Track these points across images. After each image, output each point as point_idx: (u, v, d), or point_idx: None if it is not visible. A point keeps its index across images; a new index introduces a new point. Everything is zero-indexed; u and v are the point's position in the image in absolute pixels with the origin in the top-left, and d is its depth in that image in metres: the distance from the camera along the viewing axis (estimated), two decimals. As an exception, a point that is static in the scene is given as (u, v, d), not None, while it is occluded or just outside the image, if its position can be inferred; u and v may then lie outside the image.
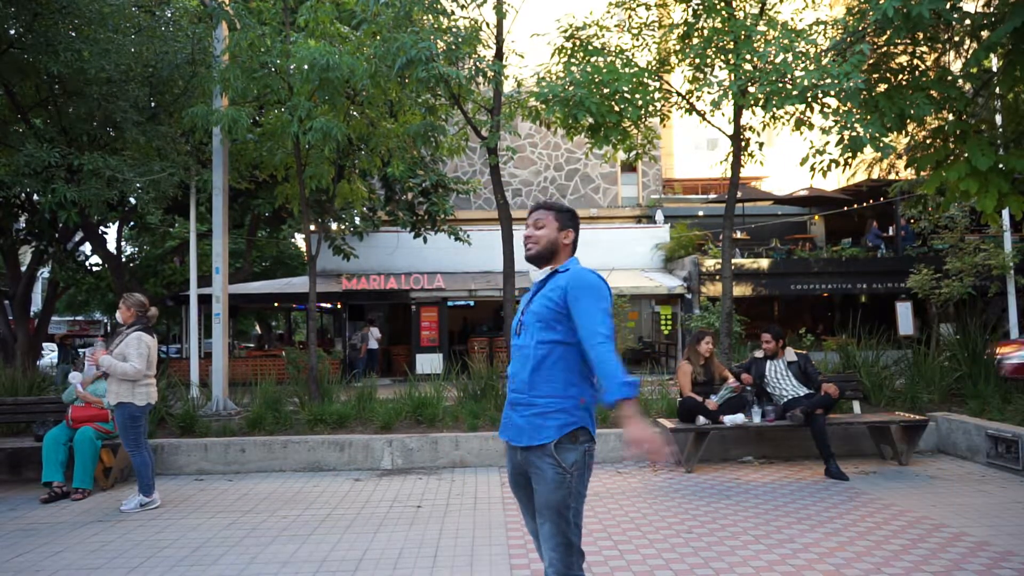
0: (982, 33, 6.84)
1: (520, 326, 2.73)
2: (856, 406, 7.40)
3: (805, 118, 8.50)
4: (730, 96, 7.96)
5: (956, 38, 7.48)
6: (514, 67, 9.91)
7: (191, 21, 10.84)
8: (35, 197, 11.92)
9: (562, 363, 2.60)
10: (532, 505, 2.69)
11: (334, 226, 17.03)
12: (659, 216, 22.17)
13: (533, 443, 2.59)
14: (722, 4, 8.49)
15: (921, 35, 7.21)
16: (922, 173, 7.76)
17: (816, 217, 22.04)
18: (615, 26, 9.37)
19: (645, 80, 8.66)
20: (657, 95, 9.06)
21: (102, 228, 14.68)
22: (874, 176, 13.77)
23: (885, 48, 7.53)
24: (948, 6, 6.23)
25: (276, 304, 22.14)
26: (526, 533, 4.67)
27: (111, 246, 14.64)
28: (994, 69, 7.57)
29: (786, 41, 7.68)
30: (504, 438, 2.74)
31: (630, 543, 4.60)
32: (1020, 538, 4.55)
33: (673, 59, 9.43)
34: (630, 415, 2.41)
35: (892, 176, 13.67)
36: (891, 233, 19.20)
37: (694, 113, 9.50)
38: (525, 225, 2.85)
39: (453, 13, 9.06)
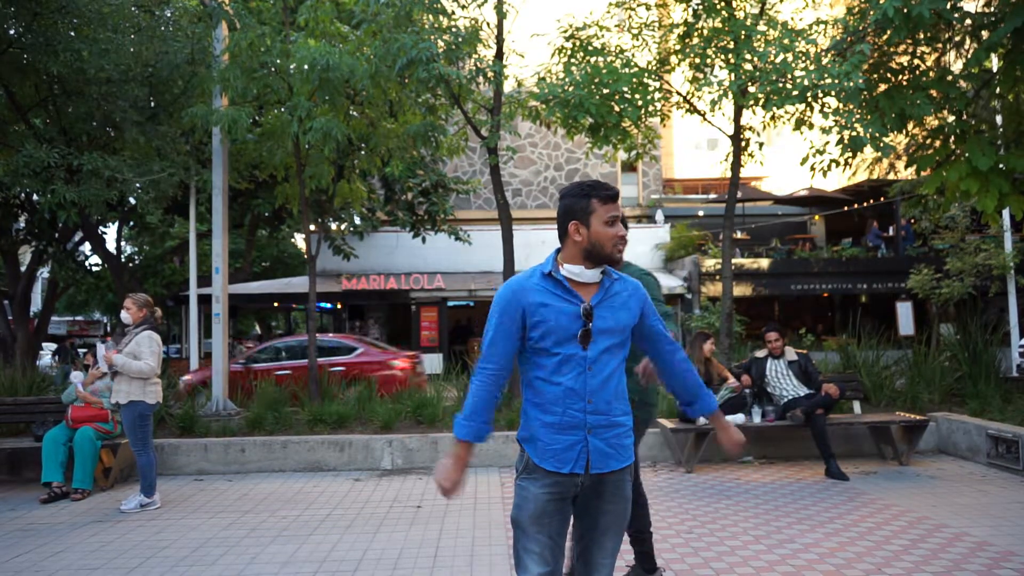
0: (982, 33, 6.85)
1: (587, 336, 2.34)
2: (856, 406, 7.40)
3: (805, 118, 8.50)
4: (730, 96, 7.96)
5: (956, 38, 7.49)
6: (514, 67, 9.90)
7: (191, 21, 10.82)
8: (35, 197, 11.91)
9: (625, 377, 2.46)
10: (557, 538, 2.37)
11: (334, 226, 17.02)
12: (659, 216, 22.16)
13: (620, 466, 2.38)
14: (722, 4, 8.49)
15: (921, 35, 7.21)
16: (922, 173, 7.76)
17: (816, 217, 22.03)
18: (615, 26, 9.36)
19: (645, 80, 8.66)
20: (657, 95, 9.06)
21: (102, 228, 14.68)
22: (874, 176, 13.78)
23: (885, 48, 7.53)
24: (948, 6, 6.23)
25: (276, 304, 22.12)
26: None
27: (111, 246, 14.64)
28: (994, 69, 7.56)
29: (786, 41, 7.68)
30: (568, 470, 2.33)
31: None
32: (1020, 538, 4.55)
33: (673, 59, 9.42)
34: (726, 423, 2.61)
35: (892, 176, 13.67)
36: (891, 233, 19.20)
37: (694, 113, 9.50)
38: (613, 219, 2.39)
39: (453, 13, 9.05)
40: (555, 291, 2.36)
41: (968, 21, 6.80)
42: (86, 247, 17.15)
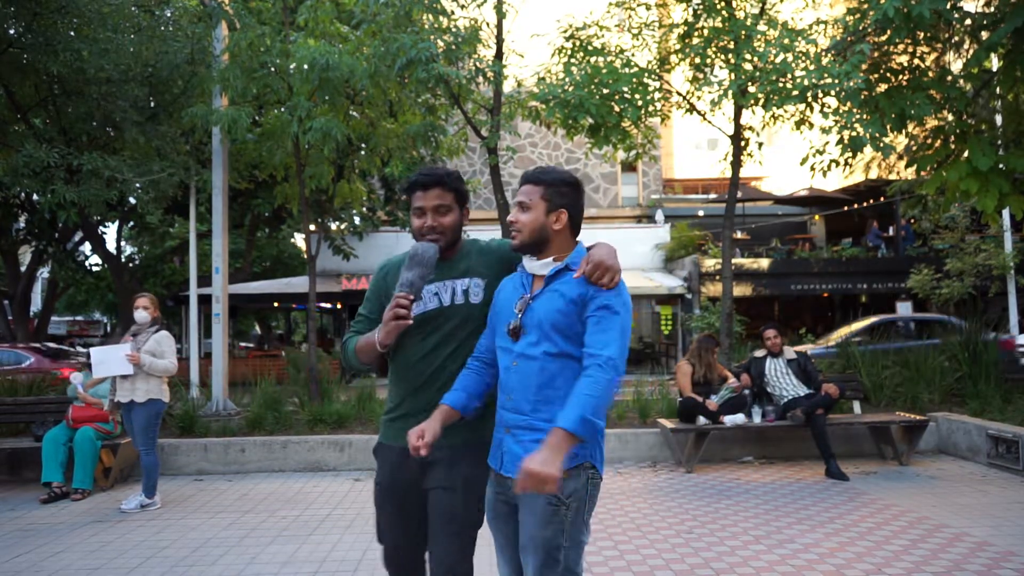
0: (982, 33, 6.85)
1: (519, 328, 2.19)
2: (856, 406, 7.40)
3: (805, 118, 8.49)
4: (730, 96, 7.96)
5: (956, 38, 7.49)
6: (514, 67, 9.90)
7: (191, 21, 10.83)
8: (35, 197, 11.92)
9: (573, 382, 2.13)
10: (514, 541, 2.23)
11: (334, 226, 17.03)
12: (659, 216, 22.16)
13: None
14: (722, 4, 8.48)
15: (921, 35, 7.22)
16: (922, 173, 7.77)
17: (816, 217, 22.03)
18: (615, 26, 9.36)
19: (645, 80, 8.65)
20: (657, 95, 9.05)
21: (102, 228, 14.69)
22: (873, 176, 13.78)
23: (885, 48, 7.53)
24: (948, 6, 6.24)
25: (276, 304, 22.13)
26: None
27: (111, 246, 14.64)
28: (994, 69, 7.56)
29: (786, 41, 7.68)
30: (493, 466, 2.26)
31: (630, 543, 4.60)
32: (1021, 538, 4.54)
33: (673, 59, 9.41)
34: (556, 446, 1.98)
35: (892, 176, 13.67)
36: (891, 233, 19.20)
37: (694, 113, 9.49)
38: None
39: (453, 13, 9.06)
40: (514, 281, 2.32)
41: (968, 21, 6.81)
42: (86, 247, 17.18)
